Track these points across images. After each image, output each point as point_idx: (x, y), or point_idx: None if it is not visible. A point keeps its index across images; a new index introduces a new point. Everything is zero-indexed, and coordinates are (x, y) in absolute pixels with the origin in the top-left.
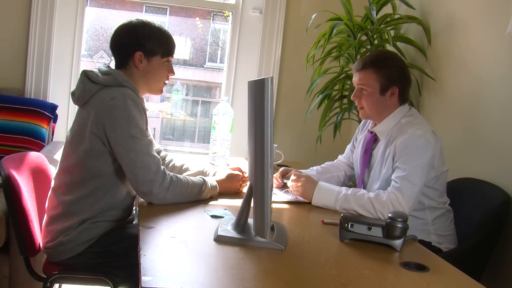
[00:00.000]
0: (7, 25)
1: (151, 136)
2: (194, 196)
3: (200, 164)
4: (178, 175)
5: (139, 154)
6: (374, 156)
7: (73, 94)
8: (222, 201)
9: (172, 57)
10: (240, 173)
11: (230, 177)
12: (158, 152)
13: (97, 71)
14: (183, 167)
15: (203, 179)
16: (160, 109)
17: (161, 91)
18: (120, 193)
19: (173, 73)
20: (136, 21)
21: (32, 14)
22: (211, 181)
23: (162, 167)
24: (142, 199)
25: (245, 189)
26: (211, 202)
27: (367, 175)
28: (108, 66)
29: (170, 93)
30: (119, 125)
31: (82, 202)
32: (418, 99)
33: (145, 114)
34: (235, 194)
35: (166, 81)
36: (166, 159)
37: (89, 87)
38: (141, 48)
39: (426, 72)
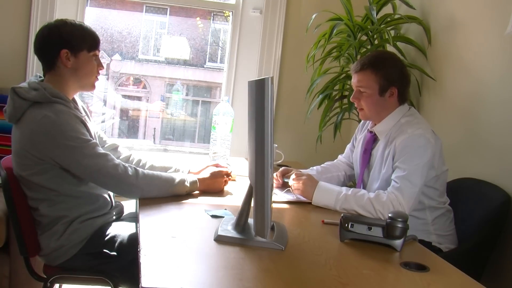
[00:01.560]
0: (8, 25)
1: (95, 140)
2: (169, 186)
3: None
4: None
5: (90, 159)
6: (374, 156)
7: (5, 111)
8: (222, 201)
9: (99, 51)
10: (223, 170)
11: (213, 175)
12: (115, 148)
13: (27, 85)
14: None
15: (179, 174)
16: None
17: (93, 86)
18: (90, 191)
19: (102, 67)
20: (55, 21)
21: (32, 14)
22: (190, 176)
23: (118, 160)
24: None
25: (241, 188)
26: (211, 202)
27: (366, 175)
28: (40, 77)
29: (170, 93)
30: (59, 142)
31: (54, 211)
32: (418, 99)
33: (84, 121)
34: (220, 192)
35: (98, 76)
36: (131, 158)
37: (19, 104)
38: (66, 45)
39: (426, 72)
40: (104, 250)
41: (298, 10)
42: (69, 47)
